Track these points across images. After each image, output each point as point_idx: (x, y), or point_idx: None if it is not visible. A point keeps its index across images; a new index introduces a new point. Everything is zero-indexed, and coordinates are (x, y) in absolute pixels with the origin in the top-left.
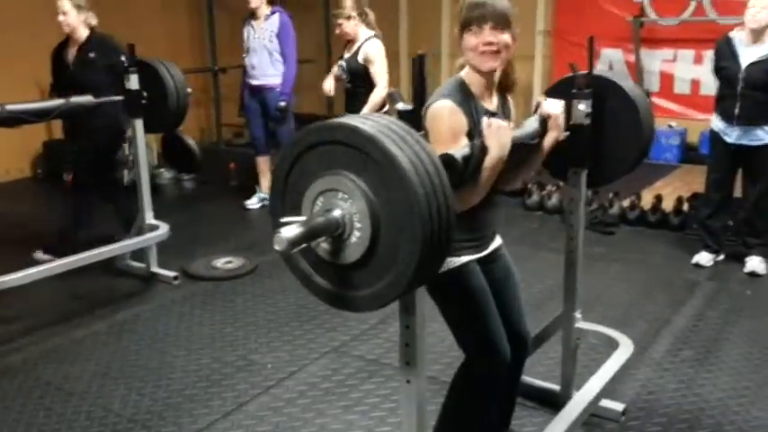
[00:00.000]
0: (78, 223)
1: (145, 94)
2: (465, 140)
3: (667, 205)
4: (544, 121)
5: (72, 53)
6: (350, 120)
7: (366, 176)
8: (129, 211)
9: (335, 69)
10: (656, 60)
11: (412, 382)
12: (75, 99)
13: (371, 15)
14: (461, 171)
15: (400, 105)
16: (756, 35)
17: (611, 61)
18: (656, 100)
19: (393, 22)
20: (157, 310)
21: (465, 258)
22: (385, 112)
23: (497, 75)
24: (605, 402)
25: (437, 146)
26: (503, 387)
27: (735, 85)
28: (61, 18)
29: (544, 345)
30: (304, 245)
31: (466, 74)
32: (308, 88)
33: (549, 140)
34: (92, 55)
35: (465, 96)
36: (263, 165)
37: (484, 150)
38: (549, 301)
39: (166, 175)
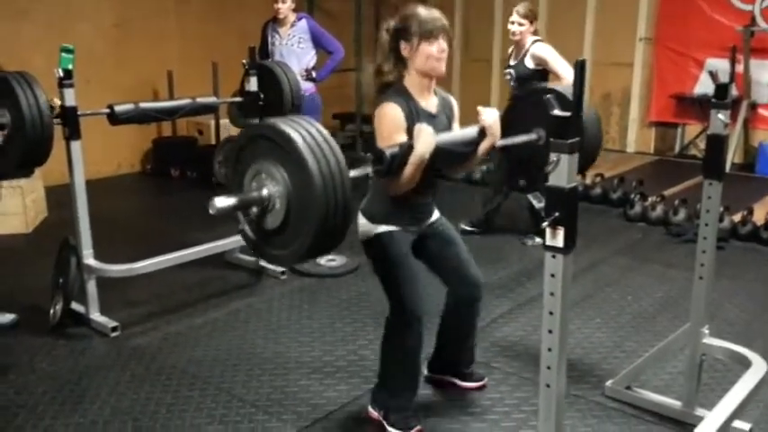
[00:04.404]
0: None
1: (262, 95)
2: (403, 136)
3: None
4: (482, 129)
5: None
6: (280, 122)
7: (286, 168)
8: None
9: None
10: (765, 71)
11: (552, 386)
12: (202, 99)
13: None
14: (389, 164)
15: (556, 112)
16: None
17: (716, 71)
18: (764, 112)
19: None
20: (268, 302)
21: (387, 228)
22: None
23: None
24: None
25: (379, 140)
26: (419, 337)
27: None
28: None
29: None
30: (236, 211)
31: (407, 81)
32: None
33: (485, 146)
34: None
35: (406, 99)
36: None
37: (410, 149)
38: (660, 315)
39: None
